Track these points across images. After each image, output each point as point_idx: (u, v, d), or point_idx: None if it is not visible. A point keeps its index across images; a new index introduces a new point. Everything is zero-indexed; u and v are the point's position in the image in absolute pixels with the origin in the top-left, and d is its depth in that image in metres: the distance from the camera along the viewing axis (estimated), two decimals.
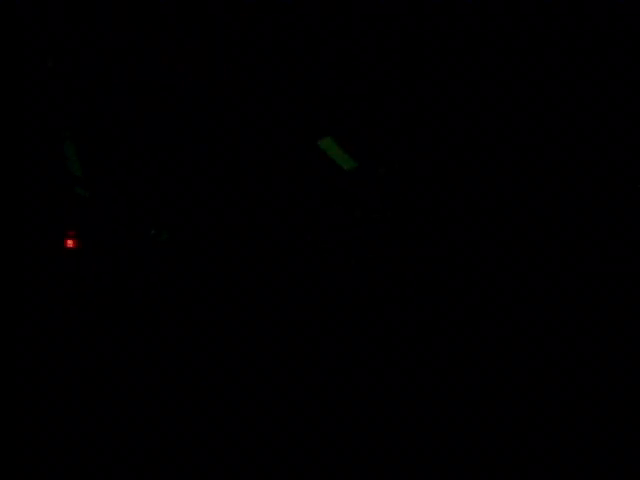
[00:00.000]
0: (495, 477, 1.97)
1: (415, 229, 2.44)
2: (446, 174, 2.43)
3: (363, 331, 2.32)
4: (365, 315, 2.34)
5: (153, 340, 2.45)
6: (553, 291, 2.26)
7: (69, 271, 2.54)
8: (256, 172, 2.57)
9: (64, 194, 2.67)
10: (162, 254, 2.58)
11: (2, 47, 2.36)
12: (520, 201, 2.35)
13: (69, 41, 2.67)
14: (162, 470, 2.06)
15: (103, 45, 2.69)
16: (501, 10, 2.31)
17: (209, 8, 2.55)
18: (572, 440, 2.01)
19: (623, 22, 2.19)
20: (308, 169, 2.53)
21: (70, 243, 2.61)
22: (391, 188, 2.45)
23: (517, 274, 2.30)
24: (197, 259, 2.60)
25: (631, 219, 2.21)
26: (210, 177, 2.64)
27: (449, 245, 2.40)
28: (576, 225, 2.27)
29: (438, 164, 2.43)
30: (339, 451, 2.09)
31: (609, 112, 2.27)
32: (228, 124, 2.60)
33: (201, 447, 2.12)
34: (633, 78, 2.23)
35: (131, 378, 2.29)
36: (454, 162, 2.42)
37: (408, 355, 2.26)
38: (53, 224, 2.62)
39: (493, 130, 2.41)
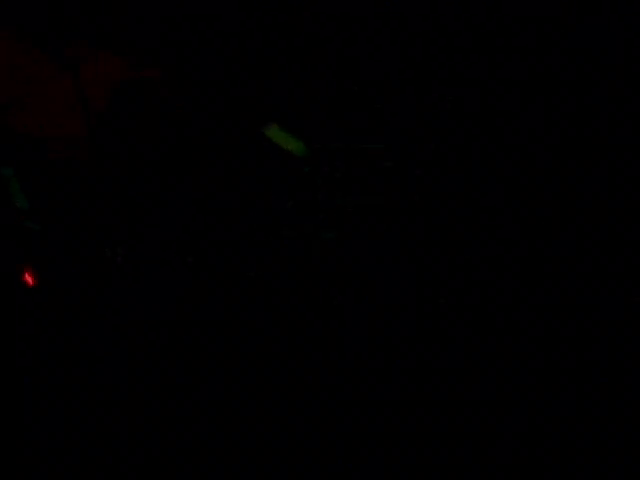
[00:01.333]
0: (495, 477, 1.97)
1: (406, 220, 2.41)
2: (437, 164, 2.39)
3: (362, 331, 2.30)
4: (363, 315, 2.32)
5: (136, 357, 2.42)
6: (553, 291, 2.23)
7: (31, 308, 2.47)
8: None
9: (14, 229, 2.57)
10: (126, 276, 2.51)
11: None
12: (520, 201, 2.33)
13: None
14: (162, 470, 2.06)
15: None
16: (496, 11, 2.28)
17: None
18: (572, 440, 2.01)
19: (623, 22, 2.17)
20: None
21: (29, 280, 2.52)
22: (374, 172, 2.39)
23: (517, 274, 2.27)
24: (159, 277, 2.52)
25: (631, 219, 2.20)
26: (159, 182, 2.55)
27: (445, 240, 2.37)
28: (576, 225, 2.25)
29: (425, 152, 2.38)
30: (339, 451, 2.07)
31: (609, 112, 2.25)
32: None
33: (201, 447, 2.12)
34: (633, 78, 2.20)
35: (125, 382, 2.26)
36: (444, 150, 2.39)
37: (408, 355, 2.23)
38: (7, 261, 2.54)
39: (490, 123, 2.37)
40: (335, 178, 2.32)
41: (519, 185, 2.30)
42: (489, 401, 2.09)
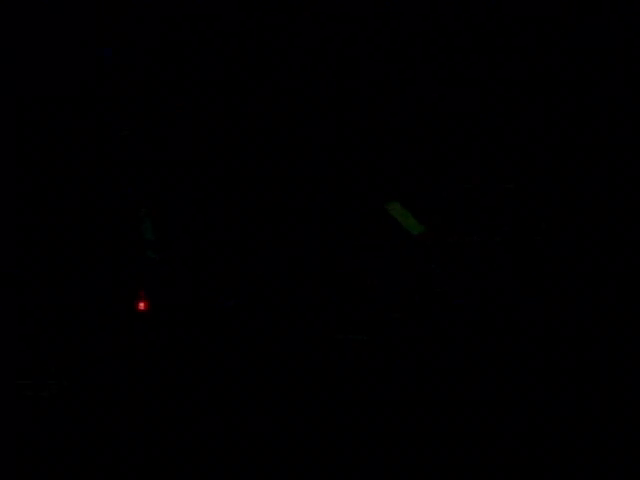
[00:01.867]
0: (495, 477, 1.93)
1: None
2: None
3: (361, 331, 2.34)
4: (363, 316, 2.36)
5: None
6: (553, 292, 2.23)
7: (142, 333, 2.60)
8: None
9: (135, 257, 2.77)
10: (232, 317, 2.61)
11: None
12: (520, 201, 2.33)
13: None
14: (162, 470, 2.05)
15: None
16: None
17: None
18: (572, 440, 1.97)
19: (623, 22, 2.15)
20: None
21: (142, 305, 2.67)
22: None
23: (516, 274, 2.28)
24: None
25: (631, 219, 2.18)
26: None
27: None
28: (576, 225, 2.24)
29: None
30: (339, 451, 2.06)
31: (609, 112, 2.24)
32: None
33: (201, 447, 2.12)
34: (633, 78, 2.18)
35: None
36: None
37: (408, 355, 2.26)
38: (124, 286, 2.71)
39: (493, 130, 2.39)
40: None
41: (519, 185, 2.31)
42: (489, 401, 2.08)
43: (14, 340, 2.48)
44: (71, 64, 2.97)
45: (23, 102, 3.03)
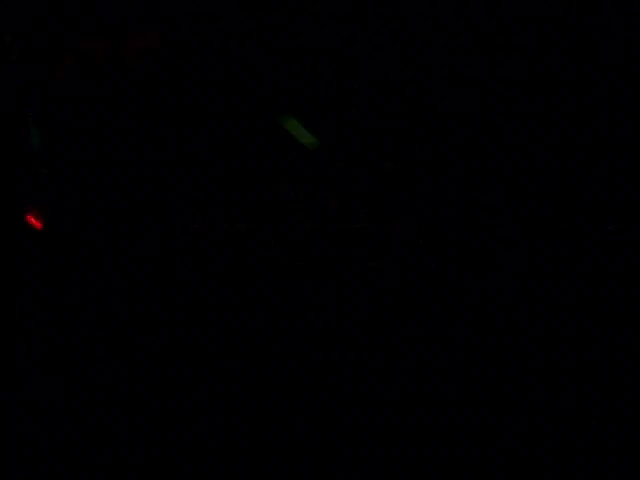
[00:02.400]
0: (495, 477, 1.99)
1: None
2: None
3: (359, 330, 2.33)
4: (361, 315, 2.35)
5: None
6: (552, 292, 2.25)
7: (33, 253, 2.52)
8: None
9: (24, 172, 2.62)
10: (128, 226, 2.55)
11: None
12: (519, 201, 2.35)
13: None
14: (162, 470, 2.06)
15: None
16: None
17: None
18: (572, 440, 2.02)
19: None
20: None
21: (33, 221, 2.58)
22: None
23: (516, 274, 2.30)
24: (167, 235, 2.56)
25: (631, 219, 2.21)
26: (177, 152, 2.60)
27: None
28: (576, 225, 2.27)
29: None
30: (339, 451, 2.08)
31: (609, 112, 2.26)
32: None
33: (201, 447, 2.12)
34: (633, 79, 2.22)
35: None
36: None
37: (408, 355, 2.26)
38: (16, 204, 2.58)
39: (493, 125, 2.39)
40: (339, 173, 2.46)
41: (518, 185, 2.31)
42: (488, 401, 2.11)
43: None
44: None
45: None
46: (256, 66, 2.52)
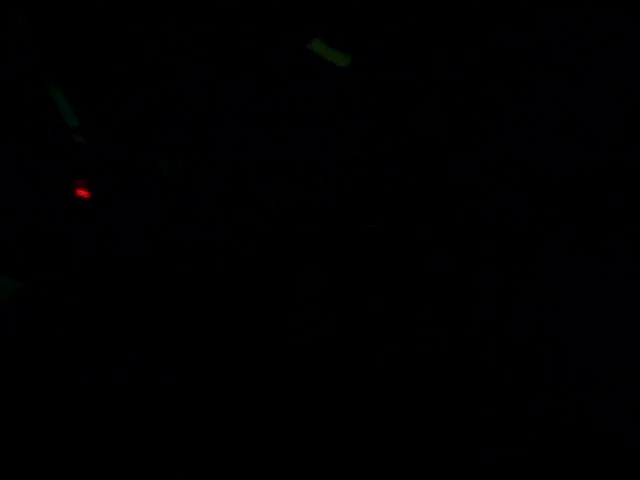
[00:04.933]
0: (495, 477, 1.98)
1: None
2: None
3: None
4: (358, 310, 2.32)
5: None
6: (552, 292, 2.21)
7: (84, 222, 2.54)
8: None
9: (62, 145, 2.64)
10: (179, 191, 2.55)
11: None
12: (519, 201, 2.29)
13: None
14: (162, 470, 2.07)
15: None
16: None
17: None
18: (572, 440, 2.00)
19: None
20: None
21: (82, 193, 2.60)
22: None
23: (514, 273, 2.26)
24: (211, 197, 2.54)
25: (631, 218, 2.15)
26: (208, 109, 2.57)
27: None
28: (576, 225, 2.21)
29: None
30: (339, 451, 2.08)
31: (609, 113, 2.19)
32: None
33: (201, 447, 2.12)
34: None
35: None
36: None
37: (407, 353, 2.24)
38: (59, 177, 2.61)
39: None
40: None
41: (518, 185, 2.26)
42: (488, 402, 2.09)
43: None
44: None
45: None
46: None
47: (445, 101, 2.35)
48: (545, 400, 2.06)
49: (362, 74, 2.35)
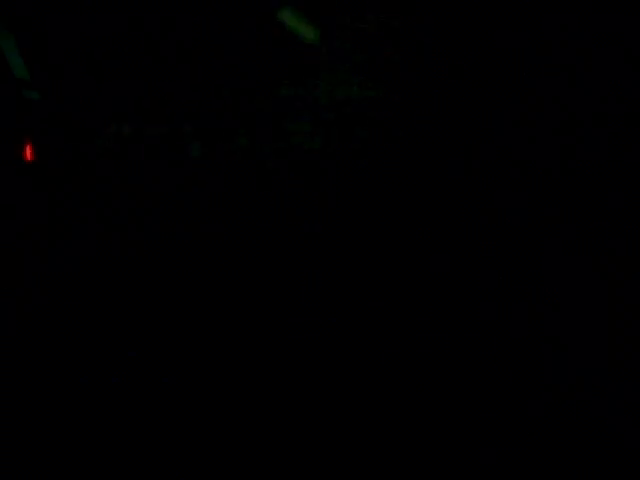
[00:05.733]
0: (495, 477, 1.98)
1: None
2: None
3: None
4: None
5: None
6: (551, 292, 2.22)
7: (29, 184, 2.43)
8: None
9: (13, 100, 2.50)
10: (127, 150, 2.44)
11: None
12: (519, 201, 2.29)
13: None
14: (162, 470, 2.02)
15: None
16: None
17: None
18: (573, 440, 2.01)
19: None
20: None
21: (29, 154, 2.48)
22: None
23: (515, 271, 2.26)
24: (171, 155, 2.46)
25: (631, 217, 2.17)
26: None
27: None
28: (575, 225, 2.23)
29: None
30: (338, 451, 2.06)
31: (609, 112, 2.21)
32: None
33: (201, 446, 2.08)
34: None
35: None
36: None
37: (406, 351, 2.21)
38: (6, 133, 2.48)
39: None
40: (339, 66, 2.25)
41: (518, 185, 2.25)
42: (488, 402, 2.09)
43: None
44: None
45: None
46: None
47: (445, 101, 2.31)
48: (545, 400, 2.07)
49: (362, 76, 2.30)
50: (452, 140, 2.30)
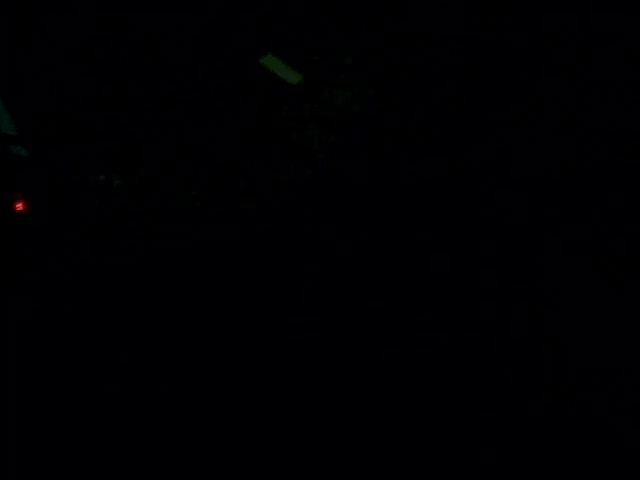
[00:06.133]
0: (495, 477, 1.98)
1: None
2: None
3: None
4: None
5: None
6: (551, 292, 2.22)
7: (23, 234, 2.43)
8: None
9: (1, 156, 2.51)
10: (116, 202, 2.47)
11: None
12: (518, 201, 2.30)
13: None
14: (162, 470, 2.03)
15: None
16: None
17: None
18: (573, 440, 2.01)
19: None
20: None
21: (19, 206, 2.48)
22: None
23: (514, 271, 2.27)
24: (158, 205, 2.49)
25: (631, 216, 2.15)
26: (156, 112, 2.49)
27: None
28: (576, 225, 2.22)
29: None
30: (338, 451, 2.06)
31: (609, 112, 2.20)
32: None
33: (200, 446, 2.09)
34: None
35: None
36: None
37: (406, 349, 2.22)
38: None
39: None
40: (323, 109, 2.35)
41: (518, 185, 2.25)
42: (487, 402, 2.09)
43: None
44: None
45: None
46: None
47: (445, 101, 2.33)
48: (545, 400, 2.06)
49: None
50: (452, 140, 2.31)
